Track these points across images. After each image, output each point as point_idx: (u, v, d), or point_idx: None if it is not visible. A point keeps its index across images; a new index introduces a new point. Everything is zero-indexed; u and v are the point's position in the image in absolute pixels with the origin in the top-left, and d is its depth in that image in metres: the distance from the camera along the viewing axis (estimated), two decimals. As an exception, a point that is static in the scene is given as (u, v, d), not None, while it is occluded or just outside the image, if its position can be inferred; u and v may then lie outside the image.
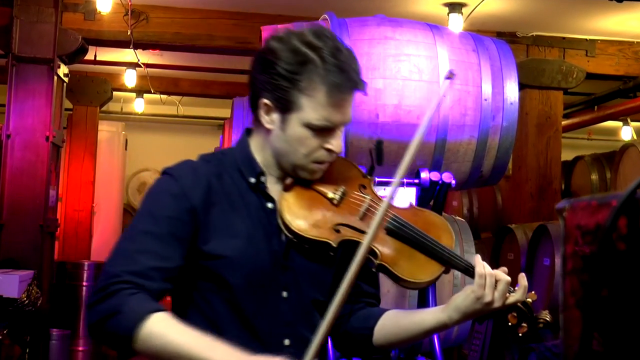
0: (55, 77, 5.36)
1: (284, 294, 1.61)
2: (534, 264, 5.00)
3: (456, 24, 5.35)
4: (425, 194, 3.29)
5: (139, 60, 6.90)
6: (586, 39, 6.24)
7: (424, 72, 3.25)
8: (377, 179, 2.01)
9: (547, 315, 1.64)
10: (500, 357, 5.37)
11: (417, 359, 3.43)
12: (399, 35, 3.31)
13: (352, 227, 1.62)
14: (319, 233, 1.58)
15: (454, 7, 5.42)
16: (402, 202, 1.74)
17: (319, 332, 1.41)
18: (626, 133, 8.92)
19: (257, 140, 1.67)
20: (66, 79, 5.74)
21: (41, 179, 5.24)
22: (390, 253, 1.61)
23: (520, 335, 1.62)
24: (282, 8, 5.67)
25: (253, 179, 1.64)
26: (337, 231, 1.60)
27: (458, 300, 1.62)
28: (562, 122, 6.51)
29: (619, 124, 8.99)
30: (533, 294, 1.65)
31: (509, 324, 1.62)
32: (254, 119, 1.66)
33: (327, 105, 1.56)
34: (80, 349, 6.96)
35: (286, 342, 1.60)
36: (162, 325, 1.43)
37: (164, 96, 8.93)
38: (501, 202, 6.97)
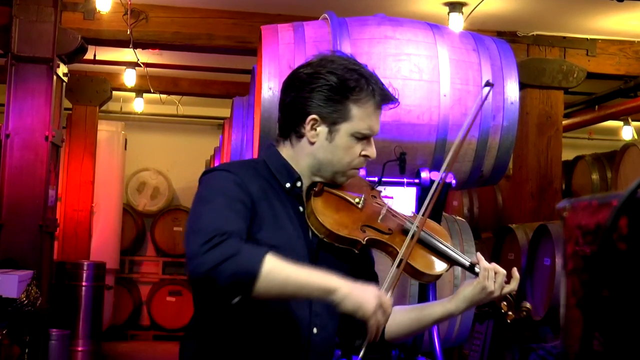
0: (55, 77, 5.36)
1: None
2: (534, 264, 4.98)
3: (456, 23, 5.35)
4: (425, 194, 3.28)
5: (138, 60, 6.90)
6: (587, 39, 6.23)
7: (424, 72, 3.25)
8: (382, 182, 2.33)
9: (527, 304, 1.95)
10: (501, 357, 5.37)
11: (418, 359, 3.43)
12: (399, 35, 3.30)
13: (375, 228, 1.87)
14: (349, 232, 1.81)
15: (455, 7, 5.42)
16: (405, 209, 2.01)
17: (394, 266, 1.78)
18: (627, 133, 8.92)
19: (288, 153, 1.87)
20: (65, 79, 5.74)
21: (40, 178, 5.24)
22: (409, 251, 1.86)
23: (509, 322, 1.94)
24: (282, 7, 5.67)
25: (289, 184, 1.85)
26: (364, 231, 1.85)
27: (466, 291, 1.90)
28: (563, 122, 6.51)
29: (620, 123, 9.00)
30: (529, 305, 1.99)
31: (502, 311, 1.93)
32: (289, 135, 1.86)
33: (372, 116, 1.82)
34: (80, 349, 6.97)
35: (315, 330, 1.82)
36: (279, 262, 1.60)
37: (163, 96, 8.92)
38: (502, 202, 6.96)
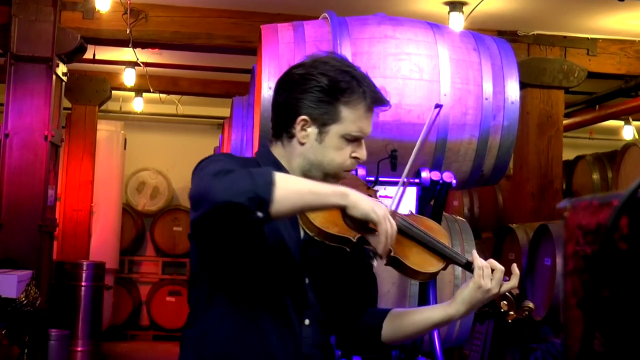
0: (54, 76, 5.36)
1: (307, 280, 1.84)
2: (535, 263, 4.98)
3: (457, 22, 5.34)
4: (425, 194, 3.28)
5: (138, 59, 6.90)
6: (587, 38, 6.23)
7: (425, 71, 3.24)
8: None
9: (529, 303, 1.88)
10: (501, 358, 5.36)
11: (418, 359, 3.42)
12: (399, 34, 3.29)
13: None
14: (339, 230, 1.78)
15: (455, 6, 5.42)
16: (403, 209, 2.05)
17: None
18: (628, 132, 8.92)
19: (280, 153, 1.85)
20: (65, 78, 5.74)
21: (40, 178, 5.24)
22: (401, 248, 1.83)
23: (510, 321, 1.87)
24: (282, 7, 5.67)
25: None
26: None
27: (464, 293, 1.84)
28: (564, 122, 6.50)
29: (621, 123, 9.00)
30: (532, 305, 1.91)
31: (502, 310, 1.86)
32: (281, 135, 1.84)
33: (363, 118, 1.79)
34: (79, 349, 6.97)
35: (306, 322, 1.83)
36: (286, 175, 1.64)
37: (163, 95, 8.92)
38: (502, 201, 6.96)
